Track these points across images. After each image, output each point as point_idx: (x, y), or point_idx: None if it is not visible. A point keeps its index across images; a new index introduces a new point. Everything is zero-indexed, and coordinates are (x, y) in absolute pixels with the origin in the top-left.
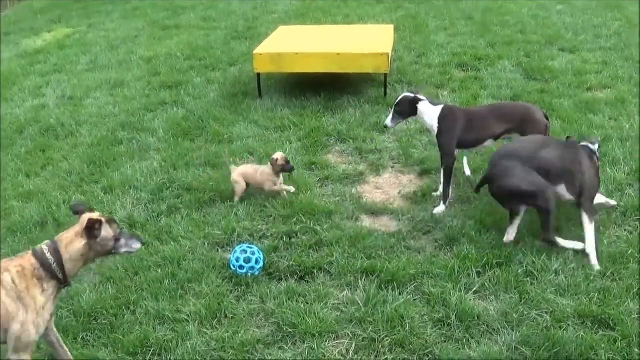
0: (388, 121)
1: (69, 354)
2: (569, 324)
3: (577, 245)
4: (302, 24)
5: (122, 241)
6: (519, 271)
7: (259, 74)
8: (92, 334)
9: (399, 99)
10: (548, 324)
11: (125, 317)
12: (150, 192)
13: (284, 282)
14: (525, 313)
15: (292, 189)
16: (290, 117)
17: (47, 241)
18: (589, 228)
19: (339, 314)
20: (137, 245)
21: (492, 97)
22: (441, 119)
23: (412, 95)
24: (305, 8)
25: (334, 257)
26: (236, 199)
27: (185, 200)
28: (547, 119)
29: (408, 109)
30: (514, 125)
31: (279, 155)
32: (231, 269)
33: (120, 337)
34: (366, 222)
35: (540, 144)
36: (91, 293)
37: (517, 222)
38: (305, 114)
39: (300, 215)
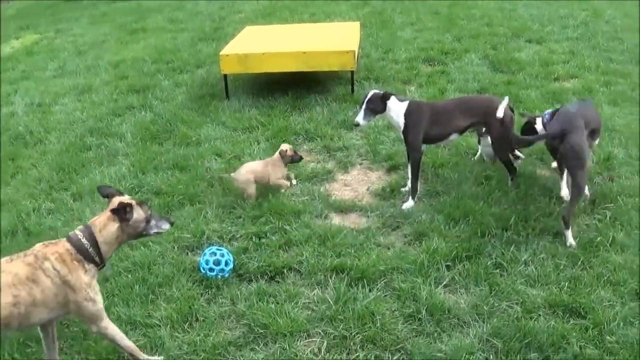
0: (360, 119)
1: (57, 354)
2: (539, 314)
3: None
4: (268, 23)
5: (153, 222)
6: (489, 263)
7: (225, 75)
8: (64, 342)
9: (369, 96)
10: (519, 315)
11: None
12: None
13: (254, 283)
14: (496, 305)
15: (294, 181)
16: (258, 117)
17: (80, 226)
18: None
19: (309, 312)
20: (166, 226)
21: (459, 91)
22: (407, 114)
23: (382, 91)
24: (271, 7)
25: (304, 256)
26: (252, 199)
27: (155, 204)
28: (512, 111)
29: (379, 105)
30: (479, 118)
31: (286, 146)
32: (201, 271)
33: (93, 344)
34: (335, 220)
35: (585, 107)
36: None
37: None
38: (272, 113)
39: (269, 215)
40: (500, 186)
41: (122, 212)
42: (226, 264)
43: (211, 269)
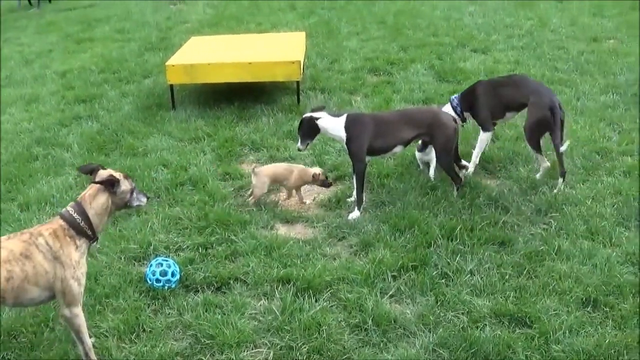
0: (299, 145)
1: None
2: (485, 324)
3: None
4: (215, 33)
5: (134, 194)
6: (434, 273)
7: (172, 86)
8: (12, 352)
9: (301, 122)
10: (465, 325)
11: (45, 334)
12: None
13: (200, 294)
14: (442, 315)
15: (308, 201)
16: (204, 127)
17: (71, 203)
18: None
19: (256, 323)
20: (144, 200)
21: (405, 101)
22: (348, 127)
23: (309, 114)
24: (218, 17)
25: (250, 267)
26: (252, 201)
27: (106, 228)
28: (456, 122)
29: (311, 128)
30: (423, 130)
31: (319, 170)
32: (148, 282)
33: (41, 355)
34: (281, 230)
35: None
36: (10, 312)
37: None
38: (219, 124)
39: (216, 226)
40: (446, 196)
41: (112, 183)
42: (172, 274)
43: (158, 280)
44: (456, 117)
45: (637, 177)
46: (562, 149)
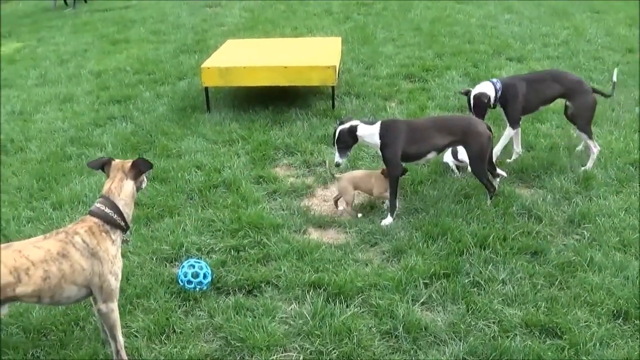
0: (338, 159)
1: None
2: (516, 334)
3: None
4: (250, 37)
5: (144, 178)
6: (466, 281)
7: (206, 88)
8: (41, 350)
9: (337, 134)
10: (495, 334)
11: (75, 333)
12: None
13: (231, 297)
14: (473, 323)
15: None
16: (238, 130)
17: (98, 199)
18: None
19: (286, 327)
20: (145, 181)
21: (440, 108)
22: (383, 134)
23: (347, 125)
24: (254, 20)
25: (282, 271)
26: (348, 208)
27: (134, 216)
28: (490, 130)
29: (349, 139)
30: (457, 137)
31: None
32: (179, 284)
33: (70, 353)
34: (314, 235)
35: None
36: (40, 310)
37: None
38: (253, 127)
39: (248, 229)
40: (479, 204)
41: (150, 166)
42: (204, 276)
43: (189, 282)
44: (493, 94)
45: None
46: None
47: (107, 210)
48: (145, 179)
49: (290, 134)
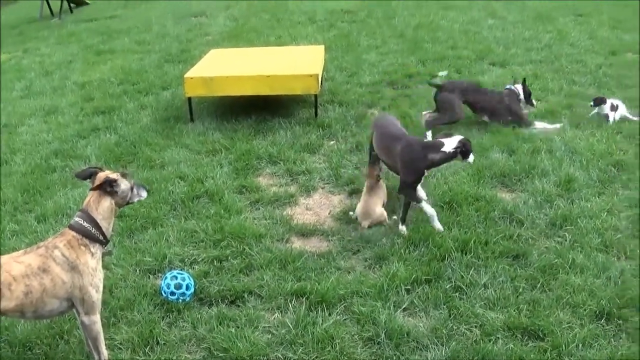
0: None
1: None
2: (498, 337)
3: None
4: (235, 46)
5: (135, 191)
6: (448, 286)
7: (190, 98)
8: None
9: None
10: (477, 338)
11: (60, 346)
12: None
13: (214, 307)
14: (455, 328)
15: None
16: (221, 140)
17: (77, 213)
18: None
19: (269, 337)
20: (144, 194)
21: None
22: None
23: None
24: (238, 29)
25: (264, 280)
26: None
27: (117, 227)
28: None
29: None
30: None
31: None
32: (162, 295)
33: None
34: (296, 243)
35: None
36: (25, 324)
37: None
38: (236, 137)
39: (231, 239)
40: (461, 209)
41: (109, 186)
42: (187, 287)
43: (172, 293)
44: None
45: None
46: None
47: (86, 224)
48: (136, 193)
49: (273, 143)
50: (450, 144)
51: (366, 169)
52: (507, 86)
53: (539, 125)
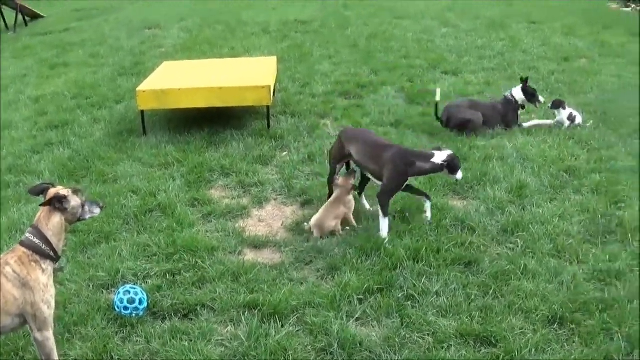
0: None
1: None
2: (450, 344)
3: None
4: (188, 58)
5: (87, 207)
6: (400, 295)
7: (142, 111)
8: None
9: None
10: (430, 346)
11: None
12: None
13: (168, 321)
14: (407, 336)
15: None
16: (174, 153)
17: (28, 229)
18: None
19: (223, 349)
20: (97, 210)
21: (375, 124)
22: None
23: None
24: (192, 41)
25: (217, 293)
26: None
27: (70, 242)
28: None
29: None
30: None
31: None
32: (116, 310)
33: None
34: (249, 255)
35: None
36: None
37: None
38: (189, 149)
39: (184, 252)
40: (413, 218)
41: (59, 201)
42: (140, 302)
43: (125, 308)
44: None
45: (605, 195)
46: None
47: (36, 240)
48: (87, 210)
49: (226, 155)
50: (440, 156)
51: (341, 179)
52: (505, 94)
53: (530, 122)
